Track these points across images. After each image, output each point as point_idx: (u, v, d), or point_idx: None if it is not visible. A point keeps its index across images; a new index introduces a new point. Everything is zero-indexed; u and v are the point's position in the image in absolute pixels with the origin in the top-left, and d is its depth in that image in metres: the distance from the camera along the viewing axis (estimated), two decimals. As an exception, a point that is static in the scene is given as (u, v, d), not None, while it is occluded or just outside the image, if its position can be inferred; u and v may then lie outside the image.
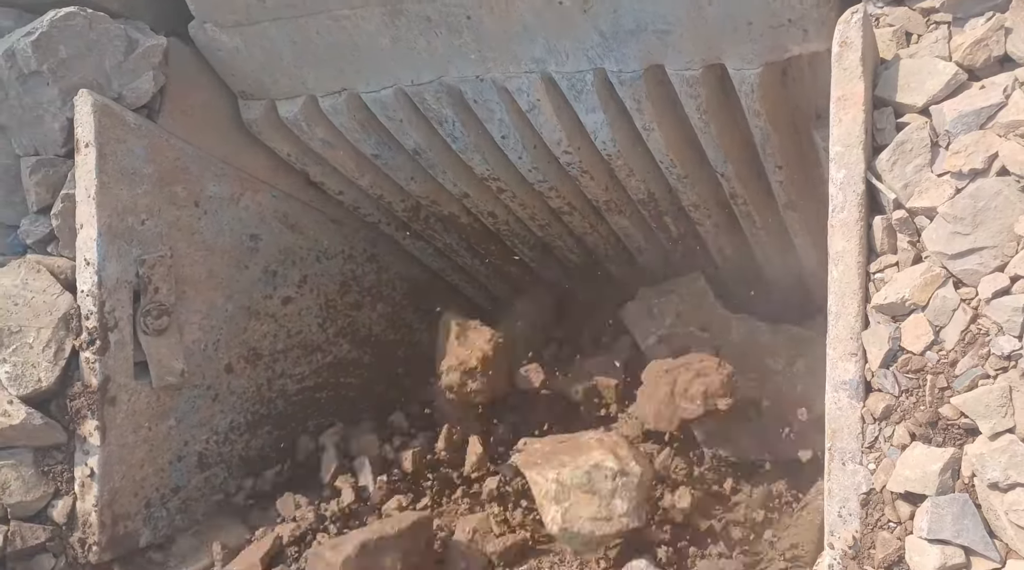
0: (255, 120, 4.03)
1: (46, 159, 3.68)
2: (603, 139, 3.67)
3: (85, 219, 3.57)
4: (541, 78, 3.47)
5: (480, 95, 3.64)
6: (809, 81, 3.27)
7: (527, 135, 3.81)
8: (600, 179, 4.00)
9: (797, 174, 3.64)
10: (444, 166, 4.15)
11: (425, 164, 4.16)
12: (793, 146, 3.54)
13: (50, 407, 3.61)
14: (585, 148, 3.80)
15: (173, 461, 3.89)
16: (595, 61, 3.33)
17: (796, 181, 3.66)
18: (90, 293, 3.56)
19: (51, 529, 3.61)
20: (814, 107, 3.37)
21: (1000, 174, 2.45)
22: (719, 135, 3.50)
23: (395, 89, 3.72)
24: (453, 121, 3.82)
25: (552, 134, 3.72)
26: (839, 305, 2.66)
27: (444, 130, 3.89)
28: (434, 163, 4.13)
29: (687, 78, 3.27)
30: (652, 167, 3.86)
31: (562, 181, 4.10)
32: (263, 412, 4.28)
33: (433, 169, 4.19)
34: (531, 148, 3.88)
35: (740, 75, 3.17)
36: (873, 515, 2.57)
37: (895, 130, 2.65)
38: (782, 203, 3.79)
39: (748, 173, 3.74)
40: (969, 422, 2.41)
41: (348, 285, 4.69)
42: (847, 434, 2.63)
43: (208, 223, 3.97)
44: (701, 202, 4.00)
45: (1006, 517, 2.33)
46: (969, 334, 2.45)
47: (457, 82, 3.61)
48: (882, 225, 2.62)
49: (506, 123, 3.75)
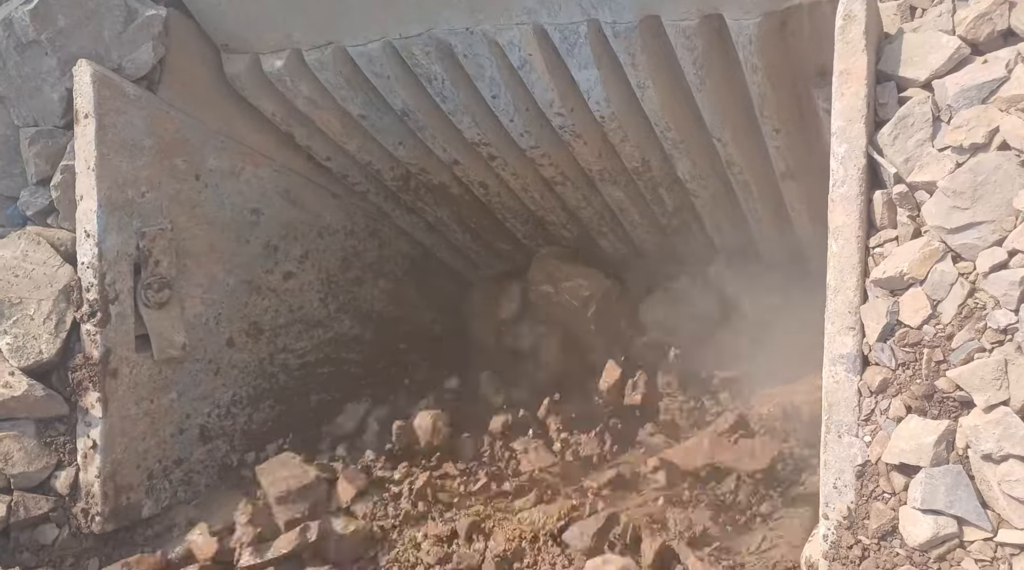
0: (238, 75, 3.93)
1: (45, 130, 3.68)
2: (596, 99, 3.59)
3: (85, 191, 3.57)
4: (533, 30, 3.39)
5: (470, 49, 3.56)
6: (809, 35, 3.16)
7: (518, 95, 3.74)
8: (593, 144, 3.93)
9: (796, 139, 3.56)
10: (433, 129, 4.07)
11: (414, 126, 4.08)
12: (792, 107, 3.46)
13: (51, 379, 3.63)
14: (578, 109, 3.72)
15: (175, 434, 3.92)
16: (589, 11, 3.25)
17: (794, 147, 3.59)
18: (90, 265, 3.57)
19: (54, 499, 3.65)
20: (814, 64, 3.25)
21: (1001, 149, 2.45)
22: (715, 92, 3.41)
23: (383, 42, 3.62)
24: (442, 78, 3.74)
25: (544, 94, 3.65)
26: (838, 279, 2.67)
27: (433, 88, 3.81)
28: (423, 126, 4.05)
29: (683, 29, 3.18)
30: (647, 131, 3.79)
31: (555, 147, 4.02)
32: (265, 386, 4.30)
33: (422, 132, 4.11)
34: (523, 110, 3.81)
35: (738, 26, 3.09)
36: (868, 486, 2.60)
37: (897, 105, 2.65)
38: (780, 172, 3.74)
39: (745, 138, 3.66)
40: (964, 395, 2.43)
41: (349, 261, 4.69)
42: (844, 407, 2.65)
43: (209, 197, 3.97)
44: (697, 172, 3.93)
45: (999, 487, 2.35)
46: (966, 308, 2.46)
47: (446, 35, 3.52)
48: (882, 199, 2.63)
49: (497, 81, 3.67)
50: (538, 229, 4.82)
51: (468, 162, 4.29)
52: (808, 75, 3.32)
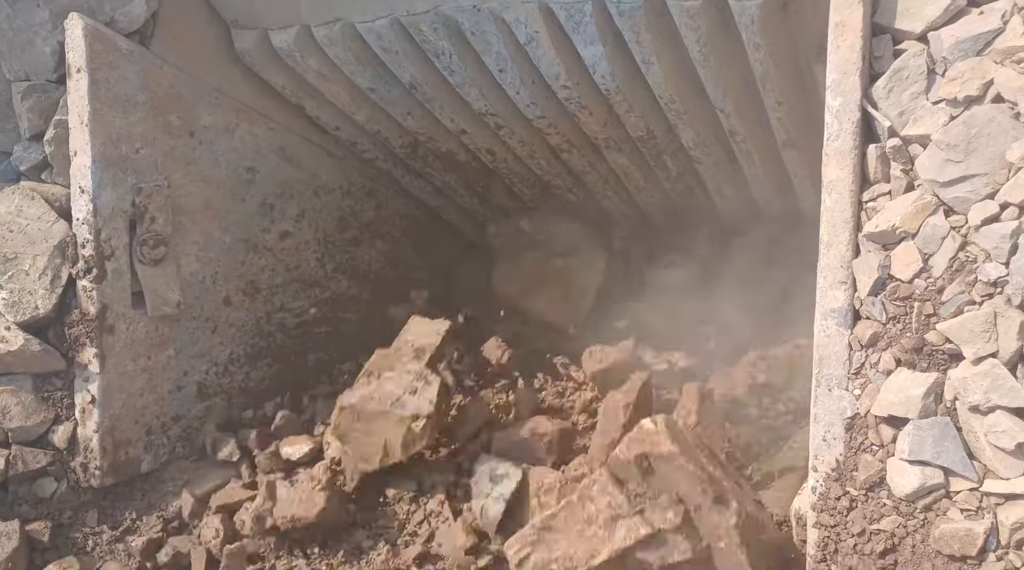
0: (248, 50, 3.98)
1: (38, 84, 3.66)
2: (602, 73, 3.63)
3: (79, 146, 3.56)
4: (539, 8, 3.41)
5: (477, 26, 3.60)
6: (810, 13, 3.20)
7: (525, 69, 3.77)
8: (599, 115, 3.97)
9: (797, 111, 3.60)
10: (441, 101, 4.11)
11: (422, 98, 4.13)
12: (794, 81, 3.50)
13: (48, 334, 3.65)
14: (584, 83, 3.76)
15: (173, 390, 3.95)
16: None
17: (796, 118, 3.63)
18: (85, 221, 3.57)
19: (52, 454, 3.69)
20: (815, 41, 3.30)
21: (995, 101, 2.44)
22: (718, 69, 3.47)
23: (390, 19, 3.66)
24: (450, 53, 3.77)
25: (550, 68, 3.68)
26: (831, 234, 2.68)
27: (441, 63, 3.85)
28: (431, 98, 4.09)
29: (687, 9, 3.22)
30: (651, 103, 3.83)
31: (560, 117, 4.06)
32: (262, 345, 4.32)
33: (430, 104, 4.15)
34: (529, 83, 3.84)
35: (740, 6, 3.12)
36: (857, 439, 2.63)
37: (893, 58, 2.63)
38: (781, 141, 3.77)
39: (748, 109, 3.71)
40: (954, 347, 2.45)
41: (347, 221, 4.69)
42: (834, 361, 2.67)
43: (203, 154, 3.96)
44: (700, 140, 3.97)
45: (985, 438, 2.38)
46: (957, 261, 2.47)
47: (454, 12, 3.56)
48: (876, 153, 2.63)
49: (504, 56, 3.71)
50: (544, 193, 4.85)
51: (475, 131, 4.33)
52: (809, 51, 3.35)
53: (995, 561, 2.37)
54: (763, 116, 3.73)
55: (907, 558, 2.50)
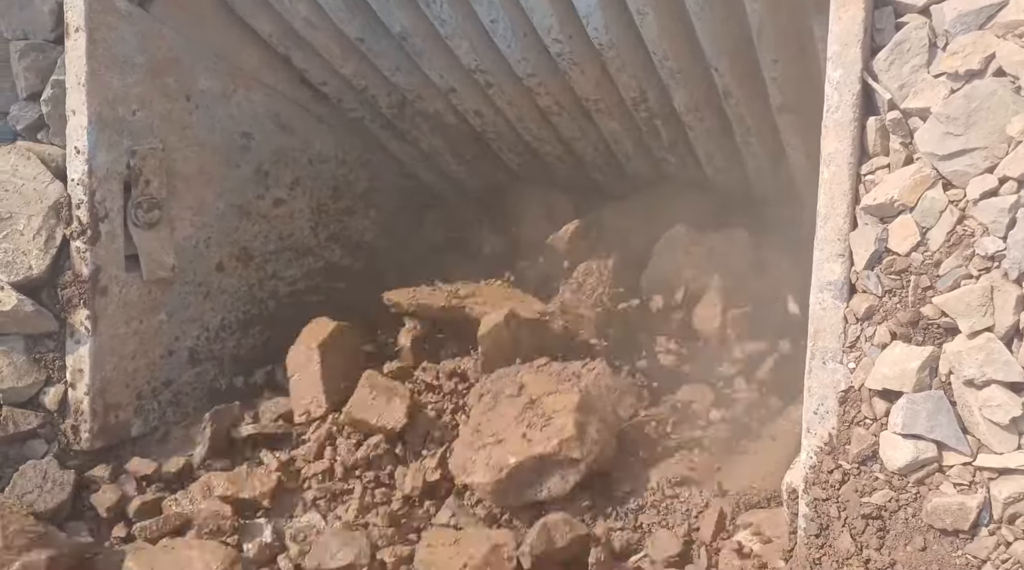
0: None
1: (35, 43, 3.62)
2: (595, 25, 3.57)
3: (76, 106, 3.53)
4: None
5: None
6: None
7: (517, 20, 3.71)
8: (591, 74, 3.91)
9: (793, 71, 3.52)
10: (431, 54, 4.05)
11: (411, 51, 4.06)
12: (791, 38, 3.42)
13: (41, 295, 3.63)
14: (577, 36, 3.71)
15: (164, 355, 3.93)
16: (589, -63, 3.20)
17: (792, 79, 3.55)
18: (80, 182, 3.55)
19: (43, 415, 3.67)
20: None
21: (996, 75, 2.43)
22: (714, 20, 3.39)
23: None
24: (441, 1, 3.71)
25: (543, 19, 3.63)
26: (828, 206, 2.67)
27: (431, 12, 3.78)
28: (420, 51, 4.03)
29: None
30: (645, 60, 3.78)
31: (552, 75, 4.01)
32: (254, 312, 4.31)
33: (419, 58, 4.09)
34: (521, 36, 3.79)
35: None
36: (850, 412, 2.63)
37: (894, 30, 2.61)
38: (776, 104, 3.70)
39: (743, 68, 3.64)
40: (949, 321, 2.45)
41: (340, 190, 4.67)
42: (829, 334, 2.67)
43: (200, 118, 3.93)
44: (693, 104, 3.92)
45: (979, 412, 2.38)
46: (955, 235, 2.47)
47: None
48: (876, 126, 2.61)
49: (496, 4, 3.65)
50: (533, 160, 4.80)
51: (464, 90, 4.28)
52: (807, 6, 3.27)
53: (987, 535, 2.37)
54: (758, 76, 3.65)
55: (899, 532, 2.50)
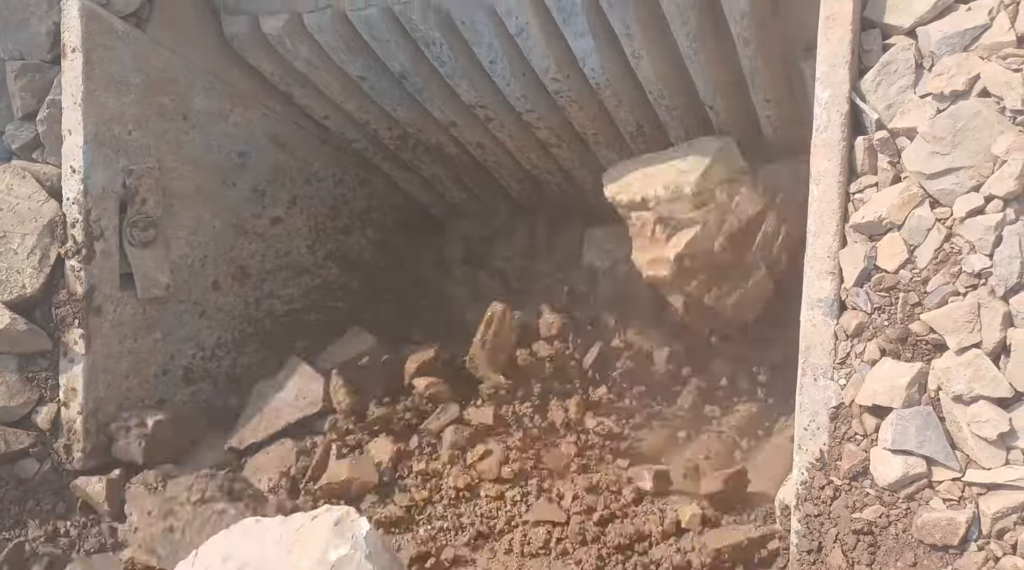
0: (237, 35, 3.95)
1: (31, 64, 3.64)
2: (592, 66, 3.65)
3: (71, 126, 3.55)
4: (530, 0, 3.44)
5: (468, 16, 3.61)
6: (799, 10, 3.23)
7: (515, 61, 3.78)
8: (588, 109, 3.99)
9: (786, 109, 3.64)
10: (431, 92, 4.11)
11: (412, 89, 4.13)
12: (782, 79, 3.54)
13: (35, 314, 3.63)
14: (574, 76, 3.78)
15: (159, 374, 3.93)
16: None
17: (785, 117, 3.66)
18: (76, 201, 3.56)
19: (35, 435, 3.66)
20: (803, 38, 3.33)
21: (981, 95, 2.48)
22: (708, 63, 3.49)
23: (382, 7, 3.66)
24: (441, 43, 3.77)
25: (541, 60, 3.70)
26: (818, 224, 2.71)
27: (431, 53, 3.85)
28: (421, 88, 4.10)
29: (677, 3, 3.26)
30: (641, 98, 3.85)
31: (550, 111, 4.08)
32: (250, 331, 4.30)
33: (420, 94, 4.15)
34: (519, 75, 3.86)
35: (730, 1, 3.17)
36: (841, 428, 2.65)
37: (881, 52, 2.67)
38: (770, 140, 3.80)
39: (737, 107, 3.74)
40: (937, 337, 2.48)
41: (338, 209, 4.68)
42: (820, 350, 2.69)
43: (196, 137, 3.95)
44: (689, 138, 3.97)
45: (968, 428, 2.41)
46: (942, 253, 2.50)
47: (445, 1, 3.56)
48: (864, 145, 2.66)
49: (495, 47, 3.72)
50: (533, 188, 4.85)
51: (465, 124, 4.33)
52: (797, 49, 3.38)
53: (976, 550, 2.39)
54: (752, 113, 3.75)
55: (890, 547, 2.52)
